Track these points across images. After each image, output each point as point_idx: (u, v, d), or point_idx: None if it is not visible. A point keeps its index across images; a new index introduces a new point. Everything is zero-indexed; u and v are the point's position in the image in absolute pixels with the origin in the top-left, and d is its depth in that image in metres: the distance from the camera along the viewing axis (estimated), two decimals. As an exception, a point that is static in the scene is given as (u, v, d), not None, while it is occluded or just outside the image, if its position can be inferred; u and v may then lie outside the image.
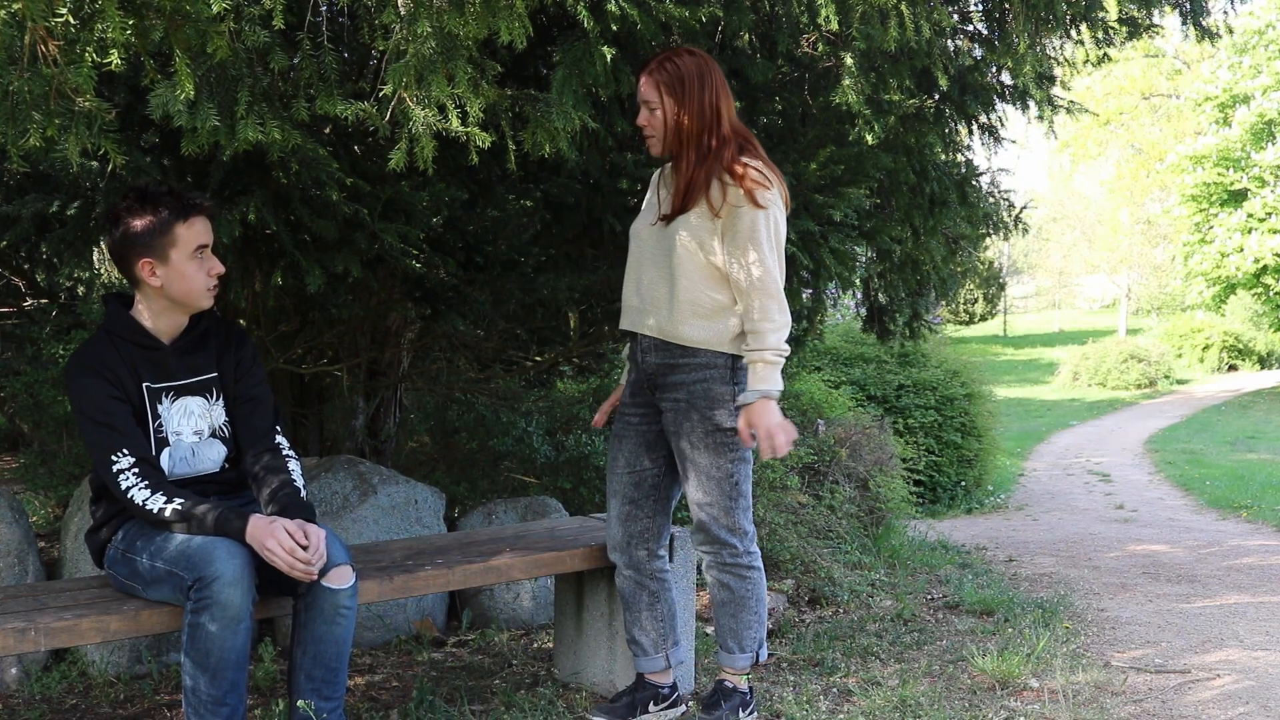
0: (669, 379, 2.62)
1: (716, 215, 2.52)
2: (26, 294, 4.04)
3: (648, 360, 2.66)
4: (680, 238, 2.55)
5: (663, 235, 2.60)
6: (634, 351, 2.72)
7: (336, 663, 2.34)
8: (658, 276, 2.61)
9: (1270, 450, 13.20)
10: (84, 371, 2.28)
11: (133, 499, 2.23)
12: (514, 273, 3.49)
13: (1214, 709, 2.90)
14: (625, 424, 2.75)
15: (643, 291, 2.64)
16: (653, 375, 2.66)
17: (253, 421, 2.45)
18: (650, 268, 2.63)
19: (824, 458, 5.25)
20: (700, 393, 2.59)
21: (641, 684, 2.80)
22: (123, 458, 2.24)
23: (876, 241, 3.98)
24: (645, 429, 2.72)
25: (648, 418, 2.72)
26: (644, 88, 2.55)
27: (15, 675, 3.02)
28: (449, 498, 4.00)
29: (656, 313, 2.61)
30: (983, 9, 3.56)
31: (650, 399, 2.70)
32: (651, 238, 2.63)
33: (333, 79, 2.15)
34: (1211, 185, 22.05)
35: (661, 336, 2.61)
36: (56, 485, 4.06)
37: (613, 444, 2.78)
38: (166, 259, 2.30)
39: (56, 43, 1.79)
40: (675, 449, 2.66)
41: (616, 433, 2.76)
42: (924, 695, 2.95)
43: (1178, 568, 5.01)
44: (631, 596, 2.79)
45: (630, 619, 2.80)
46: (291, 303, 3.63)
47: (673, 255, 2.56)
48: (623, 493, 2.74)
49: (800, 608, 3.96)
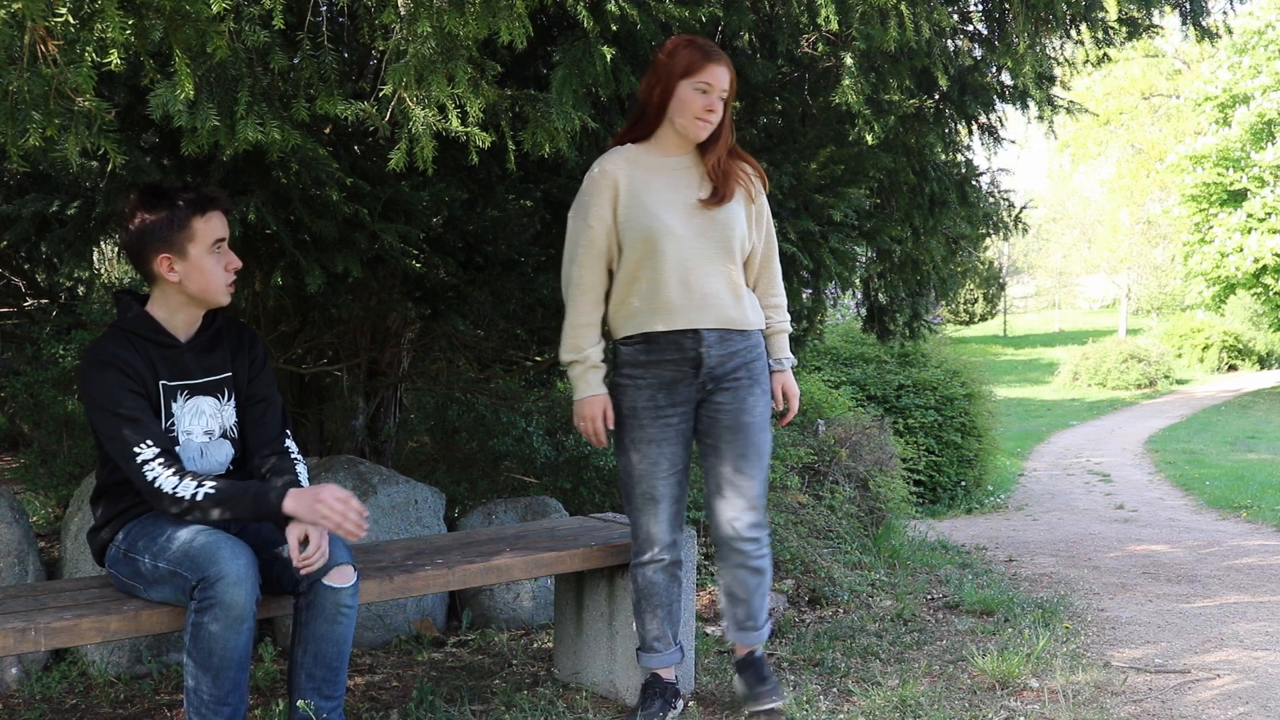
0: (728, 366, 2.66)
1: (752, 200, 2.70)
2: (26, 294, 4.04)
3: (711, 354, 2.64)
4: (733, 225, 2.64)
5: (708, 225, 2.61)
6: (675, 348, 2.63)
7: (337, 662, 2.34)
8: (710, 268, 2.62)
9: (1270, 450, 13.20)
10: (100, 366, 2.26)
11: (161, 488, 2.20)
12: (514, 273, 3.49)
13: (1214, 709, 2.90)
14: (665, 425, 2.68)
15: (692, 287, 2.60)
16: (714, 367, 2.66)
17: (264, 424, 2.45)
18: (699, 260, 2.61)
19: (824, 458, 5.25)
20: (759, 373, 2.72)
21: (660, 681, 2.80)
22: (146, 449, 2.22)
23: (876, 241, 3.98)
24: (684, 427, 2.71)
25: (686, 416, 2.70)
26: (724, 77, 2.58)
27: (15, 675, 3.02)
28: (449, 498, 4.01)
29: (719, 304, 2.63)
30: (983, 9, 3.56)
31: (691, 394, 2.68)
32: (691, 229, 2.60)
33: (333, 79, 2.15)
34: (1211, 185, 22.06)
35: (730, 326, 2.65)
36: (56, 485, 4.06)
37: (648, 448, 2.68)
38: (184, 253, 2.29)
39: (56, 42, 1.79)
40: (728, 434, 2.68)
41: (653, 437, 2.67)
42: (924, 695, 2.95)
43: (1178, 568, 5.01)
44: (666, 592, 2.78)
45: (660, 615, 2.79)
46: (291, 303, 3.63)
47: (725, 243, 2.63)
48: (670, 494, 2.72)
49: (800, 608, 3.96)
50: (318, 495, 2.22)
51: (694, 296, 2.61)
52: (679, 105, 2.57)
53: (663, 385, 2.67)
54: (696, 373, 2.65)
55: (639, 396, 2.68)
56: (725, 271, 2.64)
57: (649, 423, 2.68)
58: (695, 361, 2.64)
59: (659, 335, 2.64)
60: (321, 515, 2.22)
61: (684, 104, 2.57)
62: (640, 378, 2.68)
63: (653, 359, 2.65)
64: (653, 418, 2.68)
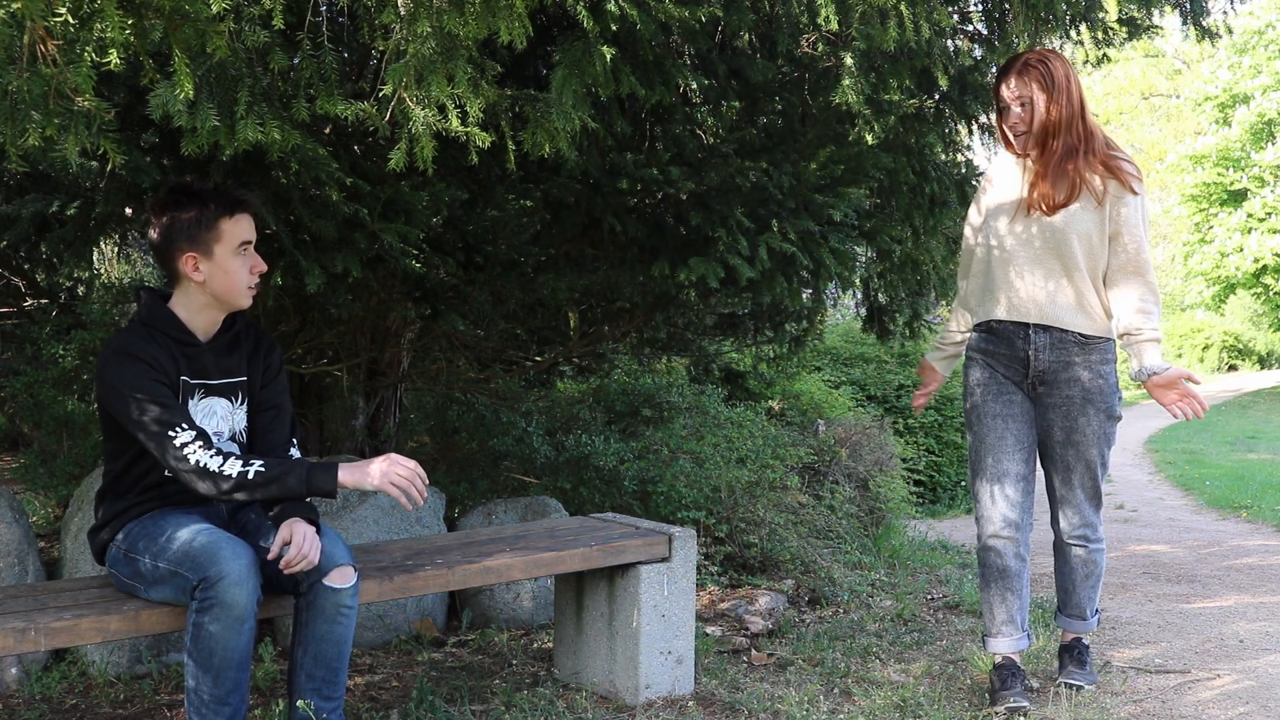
0: (1062, 375, 2.77)
1: (1100, 205, 2.72)
2: (26, 294, 4.04)
3: (1041, 357, 2.78)
4: (1074, 230, 2.71)
5: (1046, 230, 2.73)
6: (1018, 341, 2.79)
7: (337, 662, 2.34)
8: (1045, 272, 2.74)
9: (1270, 450, 13.20)
10: (125, 357, 2.25)
11: (207, 468, 2.20)
12: (514, 273, 3.49)
13: (1214, 709, 2.90)
14: (1009, 402, 2.82)
15: (1028, 287, 2.74)
16: (1044, 371, 2.78)
17: (273, 431, 2.45)
18: (1031, 264, 2.75)
19: (824, 458, 5.24)
20: (1098, 384, 2.77)
21: (1013, 665, 2.89)
22: (182, 432, 2.22)
23: (876, 241, 3.98)
24: (1027, 408, 2.84)
25: (1026, 399, 2.85)
26: (1017, 88, 2.71)
27: (15, 675, 3.02)
28: (449, 498, 4.00)
29: (1053, 307, 2.75)
30: (983, 9, 3.56)
31: (1024, 385, 2.83)
32: (1026, 233, 2.74)
33: (333, 79, 2.15)
34: (1211, 185, 22.05)
35: (1061, 327, 2.75)
36: (56, 485, 4.05)
37: (994, 423, 2.83)
38: (210, 253, 2.30)
39: (55, 42, 1.79)
40: (1062, 438, 2.81)
41: (998, 412, 2.83)
42: (924, 695, 2.95)
43: (1178, 568, 5.01)
44: (1017, 575, 2.86)
45: (1009, 601, 2.86)
46: (291, 303, 3.63)
47: (1065, 248, 2.72)
48: (1015, 471, 2.82)
49: (800, 608, 3.96)
50: (385, 464, 2.26)
51: (1030, 297, 2.76)
52: (1003, 128, 2.82)
53: (1004, 366, 2.85)
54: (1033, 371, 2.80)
55: (989, 373, 2.87)
56: (1065, 276, 2.75)
57: (993, 398, 2.85)
58: (1032, 360, 2.79)
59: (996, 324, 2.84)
60: (390, 481, 2.25)
61: (1003, 127, 2.81)
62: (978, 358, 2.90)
63: (990, 348, 2.86)
64: (997, 393, 2.85)
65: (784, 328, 5.26)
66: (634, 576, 2.90)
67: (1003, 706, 2.80)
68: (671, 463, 4.35)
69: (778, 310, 5.06)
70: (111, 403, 2.26)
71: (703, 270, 3.21)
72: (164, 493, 2.36)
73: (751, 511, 4.25)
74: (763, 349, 6.01)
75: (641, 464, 4.36)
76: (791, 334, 5.33)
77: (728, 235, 3.20)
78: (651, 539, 2.93)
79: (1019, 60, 2.74)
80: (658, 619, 2.92)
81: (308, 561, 2.23)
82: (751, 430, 4.99)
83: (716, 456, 4.51)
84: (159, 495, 2.36)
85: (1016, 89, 2.72)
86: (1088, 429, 2.80)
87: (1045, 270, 2.75)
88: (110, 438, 2.36)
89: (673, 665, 2.95)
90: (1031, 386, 2.82)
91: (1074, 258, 2.72)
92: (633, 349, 5.44)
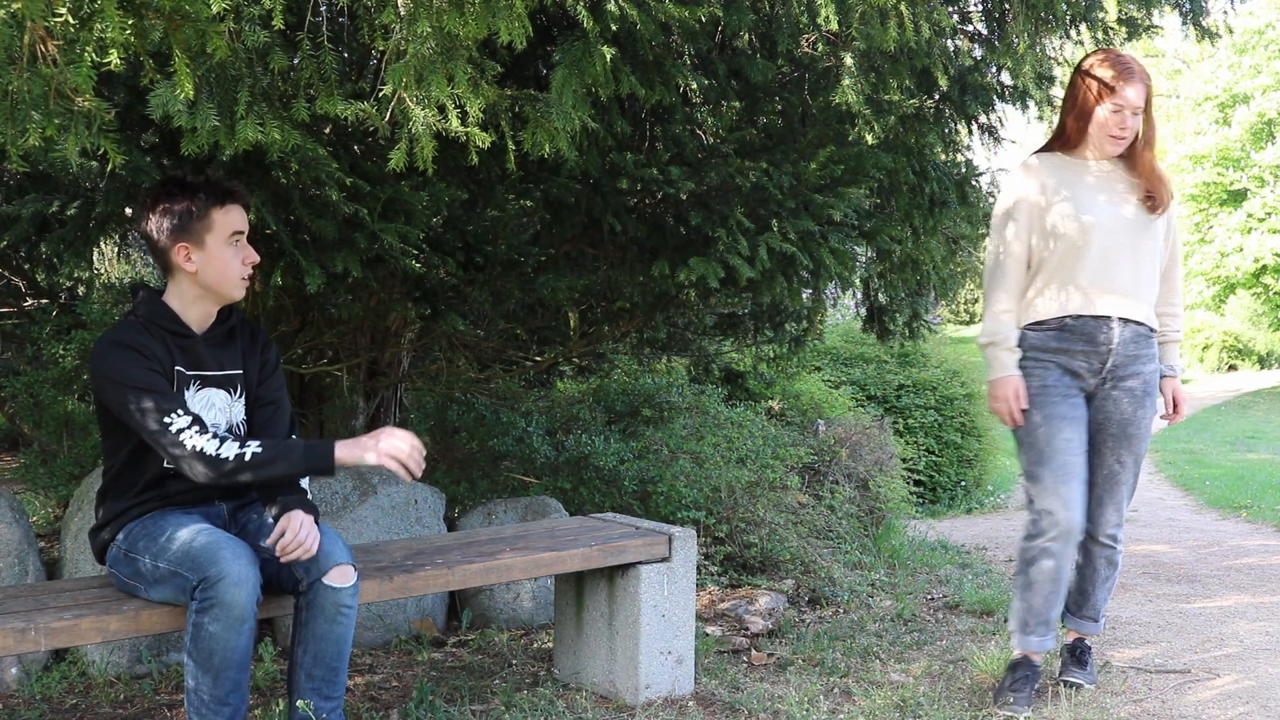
0: (1130, 368, 2.84)
1: (1165, 211, 2.87)
2: (26, 294, 4.04)
3: (1120, 351, 2.83)
4: (1152, 232, 2.84)
5: (1133, 228, 2.82)
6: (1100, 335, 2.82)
7: (337, 662, 2.34)
8: (1130, 267, 2.82)
9: (1270, 450, 13.20)
10: (117, 349, 2.26)
11: (204, 452, 2.20)
12: (514, 273, 3.49)
13: (1214, 709, 2.90)
14: (1073, 405, 2.85)
15: (1118, 280, 2.81)
16: (1118, 365, 2.84)
17: (270, 427, 2.46)
18: (1121, 258, 2.81)
19: (824, 458, 5.24)
20: (1153, 378, 2.89)
21: (1029, 663, 2.93)
22: (179, 418, 2.22)
23: (876, 241, 3.98)
24: (1085, 411, 2.88)
25: (1084, 402, 2.88)
26: (1138, 97, 2.76)
27: (15, 675, 3.02)
28: (449, 498, 4.00)
29: (1138, 300, 2.83)
30: (983, 9, 3.56)
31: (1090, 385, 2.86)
32: (1120, 228, 2.81)
33: (333, 79, 2.15)
34: (1211, 185, 22.07)
35: (1139, 320, 2.83)
36: (56, 485, 4.05)
37: (1063, 426, 2.83)
38: (202, 244, 2.31)
39: (56, 42, 1.79)
40: (1117, 430, 2.87)
41: (1066, 415, 2.83)
42: (924, 695, 2.95)
43: (1178, 568, 5.01)
44: (1065, 580, 2.90)
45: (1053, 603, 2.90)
46: (291, 303, 3.63)
47: (1145, 247, 2.83)
48: (1079, 474, 2.84)
49: (800, 608, 3.96)
50: (379, 438, 2.27)
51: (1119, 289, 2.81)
52: (1096, 125, 2.80)
53: (1068, 369, 2.86)
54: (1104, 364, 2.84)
55: (1051, 375, 2.86)
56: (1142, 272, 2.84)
57: (1058, 400, 2.85)
58: (1110, 351, 2.83)
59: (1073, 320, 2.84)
60: (388, 454, 2.26)
61: (1101, 125, 2.79)
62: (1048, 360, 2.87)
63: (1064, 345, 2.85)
64: (1063, 396, 2.86)
65: (784, 328, 5.27)
66: (634, 576, 2.90)
67: (1003, 711, 2.82)
68: (671, 463, 4.35)
69: (778, 310, 5.06)
70: (107, 394, 2.27)
71: (703, 270, 3.21)
72: (164, 490, 2.36)
73: (751, 511, 4.25)
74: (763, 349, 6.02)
75: (641, 464, 4.36)
76: (791, 334, 5.34)
77: (728, 235, 3.20)
78: (651, 539, 2.93)
79: (1137, 68, 2.77)
80: (658, 619, 2.92)
81: (304, 550, 2.23)
82: (751, 430, 4.99)
83: (716, 456, 4.51)
84: (159, 493, 2.36)
85: (1137, 99, 2.76)
86: (1144, 421, 2.88)
87: (1131, 266, 2.83)
88: (108, 433, 2.36)
89: (673, 665, 2.96)
90: (1101, 381, 2.86)
91: (1155, 254, 2.86)
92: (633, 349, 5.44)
